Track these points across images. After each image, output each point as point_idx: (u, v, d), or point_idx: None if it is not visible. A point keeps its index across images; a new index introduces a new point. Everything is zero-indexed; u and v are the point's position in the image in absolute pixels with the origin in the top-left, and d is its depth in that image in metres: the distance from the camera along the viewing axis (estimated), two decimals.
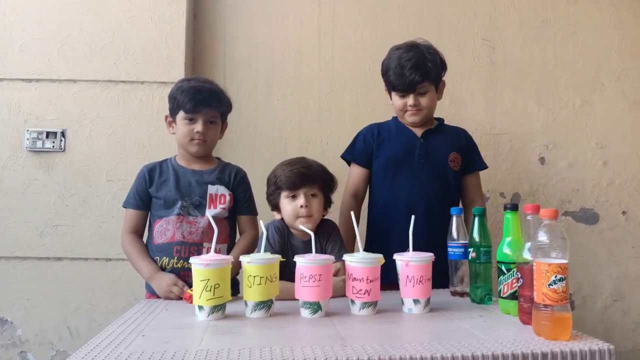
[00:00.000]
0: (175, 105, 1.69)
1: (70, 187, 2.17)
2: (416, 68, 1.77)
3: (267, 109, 2.35)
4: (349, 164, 1.94)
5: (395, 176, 1.82)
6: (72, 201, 2.17)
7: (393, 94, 1.86)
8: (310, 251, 1.40)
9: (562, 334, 1.06)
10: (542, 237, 1.08)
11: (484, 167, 1.96)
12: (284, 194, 1.58)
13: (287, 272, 1.42)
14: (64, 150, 2.17)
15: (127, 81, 2.20)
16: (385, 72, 1.86)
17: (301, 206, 1.55)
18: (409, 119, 1.85)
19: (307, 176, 1.57)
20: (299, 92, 2.36)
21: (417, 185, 1.80)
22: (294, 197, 1.57)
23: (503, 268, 1.30)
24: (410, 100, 1.81)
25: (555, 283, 1.05)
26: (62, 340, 2.14)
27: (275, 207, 1.63)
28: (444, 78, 1.90)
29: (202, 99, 1.66)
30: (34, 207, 2.15)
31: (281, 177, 1.58)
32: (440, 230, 1.60)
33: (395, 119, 1.94)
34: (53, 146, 2.16)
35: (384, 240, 1.80)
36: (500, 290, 1.31)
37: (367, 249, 1.39)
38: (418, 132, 1.87)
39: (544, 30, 2.45)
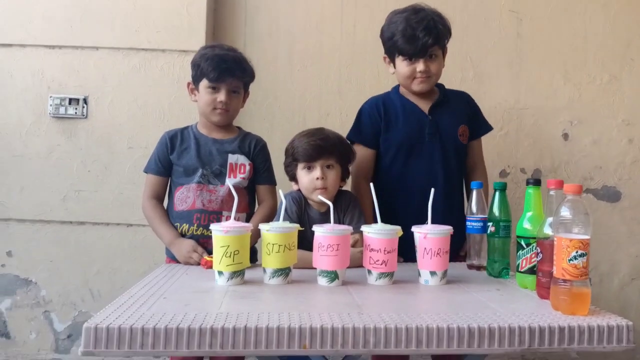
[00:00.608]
0: (198, 73, 1.68)
1: (92, 153, 2.20)
2: (428, 30, 1.66)
3: (287, 80, 2.34)
4: (352, 143, 1.86)
5: (407, 158, 1.76)
6: (94, 167, 2.20)
7: (399, 60, 1.74)
8: (326, 222, 1.41)
9: (580, 309, 1.06)
10: (565, 212, 1.07)
11: (489, 128, 1.89)
12: (300, 165, 1.58)
13: (304, 242, 1.43)
14: (86, 117, 2.20)
15: (148, 49, 2.20)
16: (389, 37, 1.73)
17: (317, 178, 1.55)
18: (416, 87, 1.75)
19: (324, 148, 1.57)
20: (320, 63, 2.34)
21: (430, 166, 1.74)
22: (310, 168, 1.57)
23: (522, 243, 1.29)
24: (420, 65, 1.70)
25: (575, 258, 1.05)
26: (85, 301, 2.21)
27: (293, 177, 1.63)
28: (452, 45, 1.81)
29: (226, 68, 1.64)
30: (57, 172, 2.20)
31: (298, 148, 1.58)
32: (455, 206, 1.58)
33: (396, 91, 1.84)
34: (75, 113, 2.19)
35: (396, 222, 1.74)
36: (518, 264, 1.30)
37: None
38: (424, 106, 1.78)
39: (573, 2, 2.37)
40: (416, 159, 1.75)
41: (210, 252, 1.47)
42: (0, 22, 2.18)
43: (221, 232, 1.26)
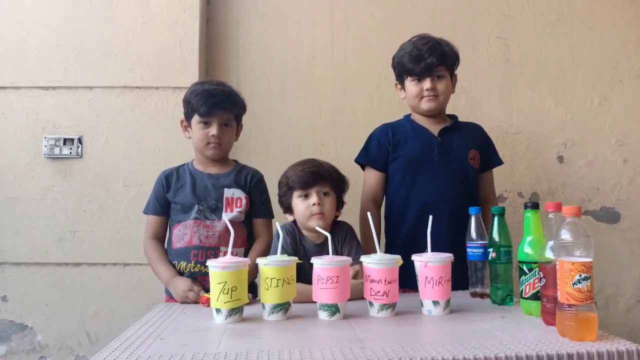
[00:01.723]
0: (189, 110, 1.70)
1: (88, 192, 2.19)
2: (433, 50, 1.76)
3: (281, 112, 2.35)
4: (363, 168, 1.90)
5: (415, 178, 1.77)
6: (90, 207, 2.19)
7: (407, 81, 1.81)
8: (322, 254, 1.39)
9: (587, 334, 1.04)
10: (565, 235, 1.06)
11: (500, 162, 1.93)
12: (296, 193, 1.58)
13: (301, 274, 1.40)
14: (81, 157, 2.19)
15: (142, 87, 2.22)
16: (398, 61, 1.83)
17: (314, 204, 1.54)
18: (425, 105, 1.79)
19: (319, 174, 1.58)
20: (313, 94, 2.36)
21: (439, 186, 1.75)
22: (306, 196, 1.57)
23: (524, 268, 1.27)
24: (427, 84, 1.77)
25: (579, 282, 1.03)
26: (82, 345, 2.15)
27: (288, 208, 1.62)
28: (456, 72, 1.87)
29: (216, 102, 1.66)
30: (53, 213, 2.18)
31: (292, 177, 1.58)
32: (462, 230, 1.56)
33: (408, 118, 1.89)
34: (70, 153, 2.18)
35: (405, 243, 1.73)
36: (522, 290, 1.28)
37: (388, 253, 1.36)
38: (434, 130, 1.82)
39: (559, 26, 2.41)
40: (425, 179, 1.76)
41: (208, 290, 1.44)
42: None
43: (218, 268, 1.24)
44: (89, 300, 2.16)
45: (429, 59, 1.75)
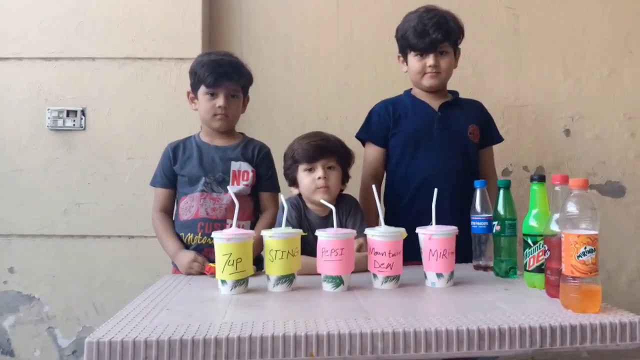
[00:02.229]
0: (196, 80, 1.68)
1: (92, 165, 2.18)
2: (438, 26, 1.72)
3: (285, 84, 2.32)
4: (364, 144, 1.89)
5: (415, 153, 1.77)
6: (94, 179, 2.19)
7: (410, 56, 1.79)
8: (327, 226, 1.40)
9: (591, 306, 1.04)
10: (572, 207, 1.05)
11: (501, 139, 1.92)
12: (301, 167, 1.57)
13: (306, 247, 1.41)
14: (84, 129, 2.18)
15: (144, 58, 2.19)
16: (402, 34, 1.79)
17: (319, 177, 1.54)
18: (426, 82, 1.78)
19: (325, 148, 1.57)
20: (317, 66, 2.32)
21: (439, 161, 1.75)
22: (311, 169, 1.56)
23: (529, 241, 1.27)
24: (430, 60, 1.74)
25: (584, 255, 1.03)
26: (88, 316, 2.18)
27: (293, 181, 1.62)
28: (460, 46, 1.84)
29: (222, 72, 1.64)
30: (57, 185, 2.18)
31: (298, 150, 1.58)
32: (465, 205, 1.56)
33: (408, 93, 1.87)
34: (74, 125, 2.17)
35: (404, 218, 1.71)
36: (526, 263, 1.28)
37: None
38: (435, 105, 1.81)
39: None
40: (425, 153, 1.76)
41: (213, 261, 1.45)
42: None
43: (223, 240, 1.25)
44: (95, 272, 2.18)
45: (433, 35, 1.71)
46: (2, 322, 2.17)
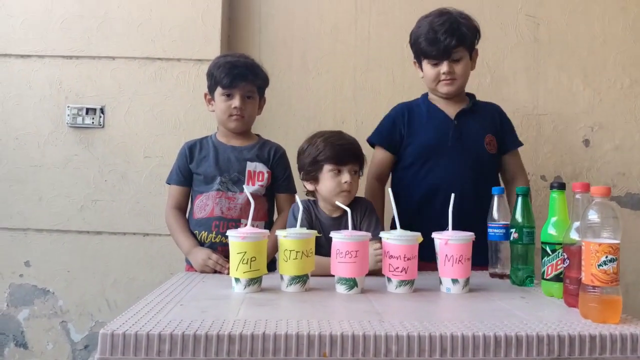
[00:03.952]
0: (212, 82, 1.70)
1: (109, 163, 2.21)
2: (450, 32, 1.67)
3: (301, 87, 2.33)
4: (373, 147, 1.87)
5: (426, 162, 1.74)
6: (111, 177, 2.21)
7: (424, 62, 1.75)
8: (338, 227, 1.39)
9: (611, 316, 1.02)
10: (593, 215, 1.03)
11: (519, 144, 1.88)
12: (327, 167, 1.54)
13: (318, 248, 1.39)
14: (103, 127, 2.21)
15: (163, 58, 2.21)
16: (415, 41, 1.76)
17: (345, 182, 1.52)
18: (442, 89, 1.75)
19: (353, 153, 1.56)
20: (334, 69, 2.33)
21: (450, 171, 1.71)
22: (338, 172, 1.54)
23: (547, 249, 1.25)
24: (444, 67, 1.70)
25: (605, 264, 1.01)
26: (101, 311, 2.20)
27: (312, 178, 1.57)
28: (477, 47, 1.80)
29: (238, 74, 1.65)
30: (75, 182, 2.20)
31: (326, 150, 1.53)
32: (472, 215, 1.53)
33: (425, 97, 1.85)
34: (92, 122, 2.20)
35: (408, 223, 1.70)
36: (544, 272, 1.26)
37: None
38: (451, 112, 1.77)
39: (591, 5, 2.32)
40: (438, 162, 1.73)
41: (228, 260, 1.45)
42: (18, 33, 2.21)
43: (237, 239, 1.25)
44: (109, 269, 2.20)
45: (445, 42, 1.67)
46: (16, 315, 2.20)
